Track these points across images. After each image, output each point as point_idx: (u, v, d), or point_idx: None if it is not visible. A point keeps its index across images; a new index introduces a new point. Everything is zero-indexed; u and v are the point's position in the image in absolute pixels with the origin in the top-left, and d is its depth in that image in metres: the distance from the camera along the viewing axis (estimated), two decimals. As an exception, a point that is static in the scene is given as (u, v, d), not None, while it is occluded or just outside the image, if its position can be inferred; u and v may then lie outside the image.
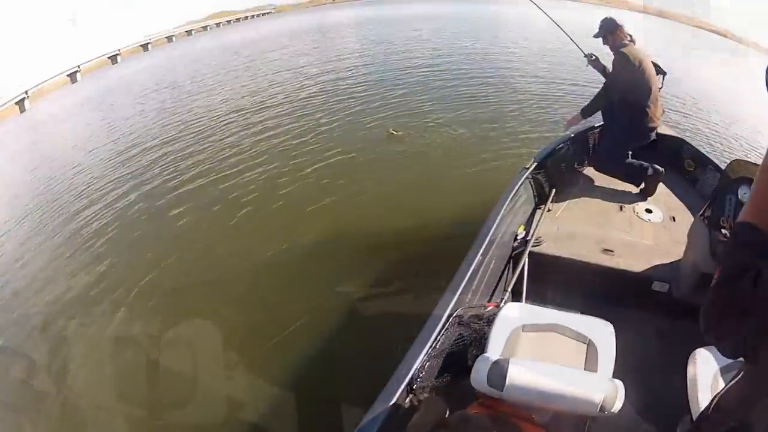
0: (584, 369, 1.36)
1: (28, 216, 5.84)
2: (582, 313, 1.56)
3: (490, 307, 1.75)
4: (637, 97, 2.96)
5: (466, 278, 1.82)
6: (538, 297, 1.97)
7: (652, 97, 2.98)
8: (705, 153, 3.31)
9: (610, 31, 3.00)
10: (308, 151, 6.19)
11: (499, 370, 1.21)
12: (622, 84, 2.99)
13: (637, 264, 2.25)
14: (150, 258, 4.22)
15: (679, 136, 3.61)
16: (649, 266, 2.23)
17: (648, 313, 2.12)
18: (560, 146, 3.19)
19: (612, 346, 1.41)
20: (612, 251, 2.34)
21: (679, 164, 3.34)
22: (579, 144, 3.31)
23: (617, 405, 1.16)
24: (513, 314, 1.53)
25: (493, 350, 1.37)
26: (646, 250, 2.35)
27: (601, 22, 3.06)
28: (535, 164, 2.87)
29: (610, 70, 3.09)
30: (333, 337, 2.67)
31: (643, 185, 3.13)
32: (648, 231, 2.59)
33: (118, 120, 10.52)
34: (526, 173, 2.76)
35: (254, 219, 4.55)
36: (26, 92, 22.95)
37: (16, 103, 22.33)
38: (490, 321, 1.56)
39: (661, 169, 3.07)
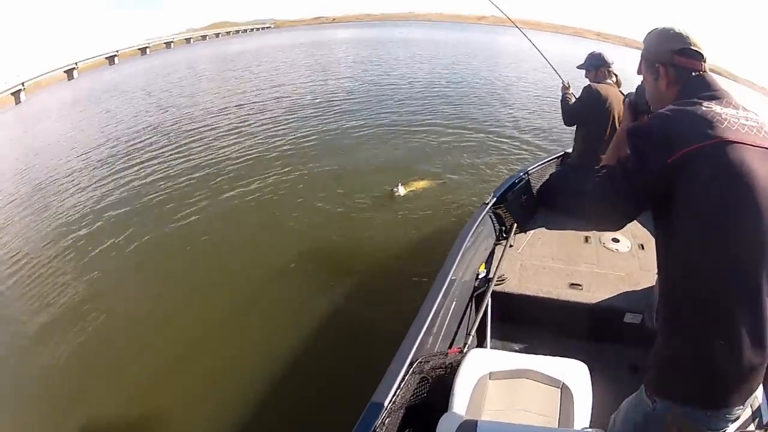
0: (559, 417, 1.31)
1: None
2: (552, 352, 1.51)
3: (453, 353, 1.65)
4: (591, 133, 2.86)
5: (427, 323, 1.70)
6: (504, 338, 1.91)
7: (608, 138, 2.81)
8: None
9: (595, 66, 2.84)
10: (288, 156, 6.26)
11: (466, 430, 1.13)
12: (583, 116, 2.89)
13: (607, 296, 2.14)
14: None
15: None
16: (620, 298, 2.13)
17: (621, 346, 2.03)
18: (520, 178, 3.03)
19: (588, 388, 1.36)
20: (580, 285, 2.22)
21: None
22: (539, 176, 3.19)
23: None
24: (478, 361, 1.45)
25: (459, 403, 1.32)
26: (616, 281, 2.25)
27: (589, 55, 2.90)
28: (494, 198, 2.73)
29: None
30: (284, 386, 2.44)
31: None
32: (616, 261, 2.46)
33: (103, 121, 10.80)
34: (486, 208, 2.62)
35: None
36: (23, 84, 23.81)
37: (12, 94, 23.19)
38: (453, 369, 1.50)
39: None
